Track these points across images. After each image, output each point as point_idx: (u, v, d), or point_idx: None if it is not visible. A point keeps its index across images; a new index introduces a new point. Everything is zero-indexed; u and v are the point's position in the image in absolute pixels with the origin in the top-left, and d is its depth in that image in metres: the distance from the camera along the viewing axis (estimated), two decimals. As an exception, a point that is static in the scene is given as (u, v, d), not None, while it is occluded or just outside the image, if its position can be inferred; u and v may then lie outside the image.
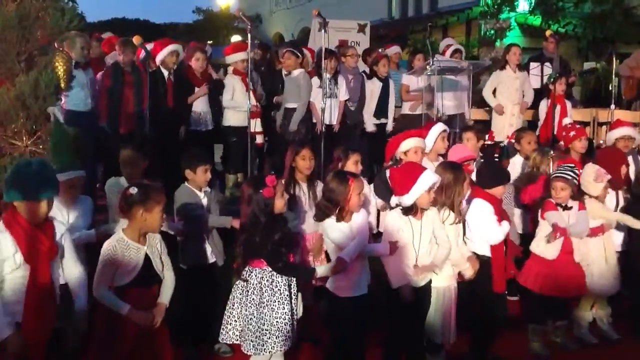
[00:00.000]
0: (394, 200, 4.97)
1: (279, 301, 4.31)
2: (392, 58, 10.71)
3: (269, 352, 4.29)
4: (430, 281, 4.93)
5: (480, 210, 5.20)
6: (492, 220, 5.17)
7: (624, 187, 6.29)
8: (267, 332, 4.27)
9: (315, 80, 8.72)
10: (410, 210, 4.77)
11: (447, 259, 4.94)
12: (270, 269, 4.31)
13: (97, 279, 4.04)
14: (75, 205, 4.95)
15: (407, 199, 4.73)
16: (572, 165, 5.74)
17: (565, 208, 5.57)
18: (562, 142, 7.26)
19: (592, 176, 5.79)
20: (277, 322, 4.28)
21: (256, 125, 8.44)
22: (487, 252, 5.22)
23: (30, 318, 3.76)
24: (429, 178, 4.73)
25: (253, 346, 4.29)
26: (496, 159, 6.76)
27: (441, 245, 4.88)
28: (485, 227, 5.18)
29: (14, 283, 3.76)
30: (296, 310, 4.44)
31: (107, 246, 4.06)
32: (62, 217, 4.69)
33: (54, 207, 4.45)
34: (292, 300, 4.40)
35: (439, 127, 6.39)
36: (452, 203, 4.99)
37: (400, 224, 4.78)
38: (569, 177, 5.54)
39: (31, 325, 3.77)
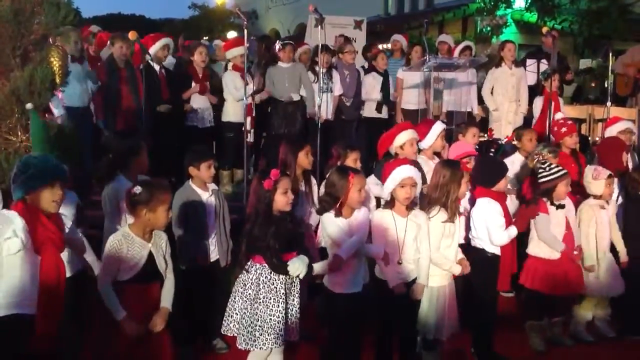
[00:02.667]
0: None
1: (274, 299, 4.31)
2: (393, 47, 10.72)
3: (259, 348, 4.29)
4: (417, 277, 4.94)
5: (486, 210, 5.22)
6: (499, 222, 5.20)
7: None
8: (260, 328, 4.27)
9: (309, 75, 8.73)
10: (389, 204, 4.83)
11: (433, 264, 4.96)
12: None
13: (101, 272, 4.06)
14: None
15: (384, 192, 4.83)
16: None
17: (560, 207, 5.58)
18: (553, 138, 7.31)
19: (591, 175, 5.82)
20: (270, 319, 4.27)
21: (250, 122, 8.43)
22: (494, 250, 5.25)
23: (44, 306, 3.74)
24: (400, 172, 4.74)
25: (244, 340, 4.31)
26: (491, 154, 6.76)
27: (421, 254, 4.88)
28: (490, 229, 5.20)
29: (20, 270, 3.72)
30: (295, 308, 4.44)
31: (112, 240, 4.07)
32: None
33: None
34: (290, 299, 4.40)
35: (440, 126, 6.40)
36: (446, 201, 4.98)
37: (385, 220, 4.81)
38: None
39: (45, 313, 3.75)
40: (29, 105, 4.81)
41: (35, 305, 3.74)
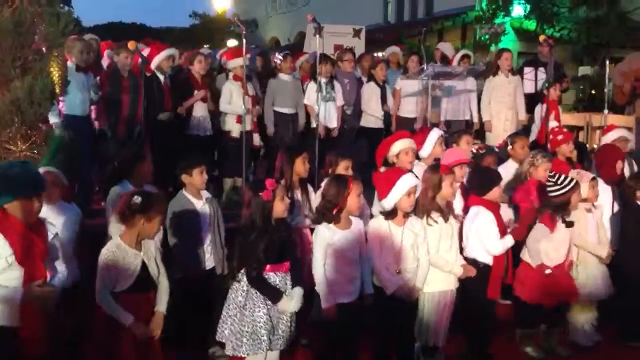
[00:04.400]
0: (375, 206, 5.01)
1: (255, 304, 4.36)
2: (391, 59, 10.74)
3: (246, 354, 4.33)
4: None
5: (480, 219, 5.21)
6: (493, 232, 5.19)
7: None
8: (246, 333, 4.32)
9: (311, 85, 8.76)
10: (391, 215, 4.82)
11: (433, 267, 5.00)
12: None
13: (98, 284, 4.06)
14: (61, 212, 4.89)
15: (387, 203, 4.81)
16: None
17: (569, 225, 5.54)
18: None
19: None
20: (252, 324, 4.32)
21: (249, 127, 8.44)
22: (485, 260, 5.23)
23: (28, 318, 3.74)
24: (407, 182, 4.78)
25: (232, 347, 4.36)
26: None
27: (420, 259, 4.92)
28: (485, 238, 5.19)
29: (6, 284, 3.71)
30: (285, 317, 4.45)
31: (106, 251, 4.09)
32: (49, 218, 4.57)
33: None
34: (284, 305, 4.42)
35: (436, 133, 6.42)
36: (431, 205, 5.02)
37: (382, 230, 4.83)
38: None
39: (29, 324, 3.75)
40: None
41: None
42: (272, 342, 4.37)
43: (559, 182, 5.49)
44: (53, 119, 6.31)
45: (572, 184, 5.48)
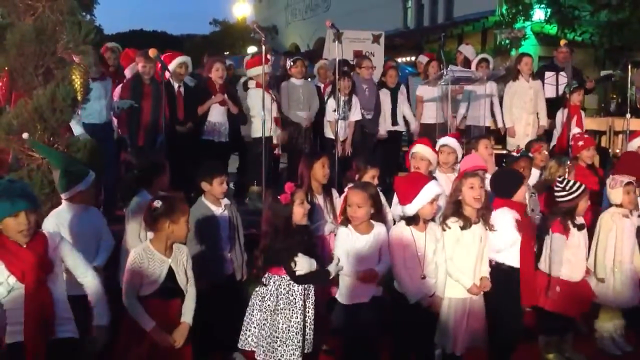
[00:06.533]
0: (397, 210, 5.01)
1: (293, 310, 4.36)
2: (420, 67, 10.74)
3: None
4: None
5: (500, 219, 5.11)
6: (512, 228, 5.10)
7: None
8: (279, 339, 4.32)
9: (330, 101, 8.62)
10: (413, 221, 4.81)
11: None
12: (288, 277, 4.38)
13: (125, 287, 4.11)
14: (88, 217, 4.85)
15: (410, 209, 4.78)
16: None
17: (580, 227, 5.48)
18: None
19: (608, 185, 5.78)
20: (289, 330, 4.32)
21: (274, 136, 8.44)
22: (512, 263, 5.14)
23: (30, 332, 3.65)
24: (432, 189, 4.77)
25: (264, 352, 4.35)
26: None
27: (439, 266, 4.90)
28: (504, 233, 5.08)
29: (13, 303, 3.65)
30: (310, 320, 4.46)
31: (134, 254, 4.13)
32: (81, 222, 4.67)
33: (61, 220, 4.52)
34: (307, 310, 4.44)
35: (440, 142, 6.45)
36: (446, 210, 5.05)
37: (405, 236, 4.81)
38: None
39: (31, 338, 3.66)
40: (25, 135, 4.86)
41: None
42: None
43: (567, 187, 5.42)
44: (79, 130, 6.33)
45: (580, 189, 5.41)
